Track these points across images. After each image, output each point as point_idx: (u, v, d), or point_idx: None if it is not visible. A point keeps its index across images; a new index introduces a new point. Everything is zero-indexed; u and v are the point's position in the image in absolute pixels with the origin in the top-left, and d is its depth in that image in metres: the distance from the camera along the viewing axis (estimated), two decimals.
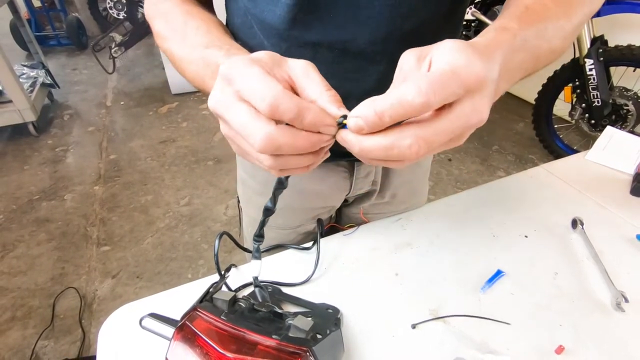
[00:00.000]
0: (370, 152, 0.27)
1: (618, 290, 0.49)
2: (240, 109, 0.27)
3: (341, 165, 0.63)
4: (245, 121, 0.27)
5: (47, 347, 1.32)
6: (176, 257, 1.67)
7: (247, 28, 0.49)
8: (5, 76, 2.18)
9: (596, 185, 0.70)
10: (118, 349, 0.45)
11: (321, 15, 0.43)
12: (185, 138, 2.51)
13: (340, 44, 0.45)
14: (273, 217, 0.69)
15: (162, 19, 0.45)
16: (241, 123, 0.27)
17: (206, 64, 0.38)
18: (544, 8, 0.37)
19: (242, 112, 0.27)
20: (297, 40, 0.45)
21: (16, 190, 2.05)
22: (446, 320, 0.48)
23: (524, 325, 0.47)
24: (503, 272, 0.53)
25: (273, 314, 0.38)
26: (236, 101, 0.27)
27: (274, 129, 0.26)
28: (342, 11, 0.42)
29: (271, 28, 0.45)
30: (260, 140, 0.26)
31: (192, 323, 0.34)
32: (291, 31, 0.44)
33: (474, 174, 2.17)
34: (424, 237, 0.60)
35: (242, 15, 0.49)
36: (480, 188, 0.70)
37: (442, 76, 0.26)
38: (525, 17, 0.36)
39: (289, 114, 0.26)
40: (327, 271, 0.55)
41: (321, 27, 0.44)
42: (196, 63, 0.39)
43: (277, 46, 0.46)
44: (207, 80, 0.38)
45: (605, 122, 1.85)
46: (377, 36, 0.44)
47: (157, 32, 0.45)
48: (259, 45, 0.49)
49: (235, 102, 0.27)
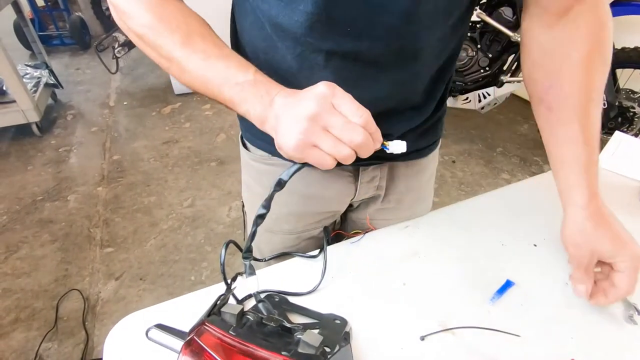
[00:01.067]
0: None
1: (630, 302, 0.48)
2: (339, 114, 0.38)
3: (346, 170, 0.62)
4: (347, 121, 0.37)
5: (50, 350, 1.32)
6: (179, 259, 1.67)
7: (258, 29, 0.49)
8: (9, 76, 2.18)
9: (605, 192, 0.68)
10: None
11: (338, 27, 0.43)
12: (188, 139, 2.51)
13: (353, 54, 0.46)
14: (278, 223, 0.69)
15: (151, 13, 0.43)
16: (343, 122, 0.37)
17: (227, 75, 0.42)
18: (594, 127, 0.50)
19: (341, 117, 0.37)
20: (312, 46, 0.45)
21: (20, 190, 2.05)
22: (455, 332, 0.47)
23: (534, 338, 0.47)
24: (513, 283, 0.53)
25: (282, 327, 0.38)
26: (335, 110, 0.38)
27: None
28: (359, 25, 0.43)
29: (286, 32, 0.45)
30: (361, 133, 0.37)
31: (200, 338, 0.34)
32: (307, 38, 0.45)
33: (478, 176, 2.16)
34: (431, 245, 0.59)
35: (252, 17, 0.49)
36: (487, 195, 0.69)
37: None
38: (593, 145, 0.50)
39: (372, 129, 0.38)
40: (334, 280, 0.54)
41: (337, 38, 0.44)
42: (213, 68, 0.42)
43: (292, 49, 0.47)
44: (223, 88, 0.42)
45: (611, 124, 1.84)
46: (391, 48, 0.45)
47: (143, 23, 0.44)
48: (271, 47, 0.49)
49: (335, 110, 0.38)
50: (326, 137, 0.37)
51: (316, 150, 0.38)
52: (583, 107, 0.49)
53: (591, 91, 0.49)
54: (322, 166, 0.39)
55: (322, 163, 0.38)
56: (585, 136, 0.49)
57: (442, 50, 0.51)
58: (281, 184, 0.42)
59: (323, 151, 0.38)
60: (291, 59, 0.48)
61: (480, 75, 2.02)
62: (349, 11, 0.42)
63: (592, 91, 0.49)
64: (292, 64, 0.48)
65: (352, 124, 0.37)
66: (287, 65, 0.49)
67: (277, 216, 0.67)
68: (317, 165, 0.39)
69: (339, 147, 0.38)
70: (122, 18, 0.45)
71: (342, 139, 0.37)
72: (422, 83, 0.53)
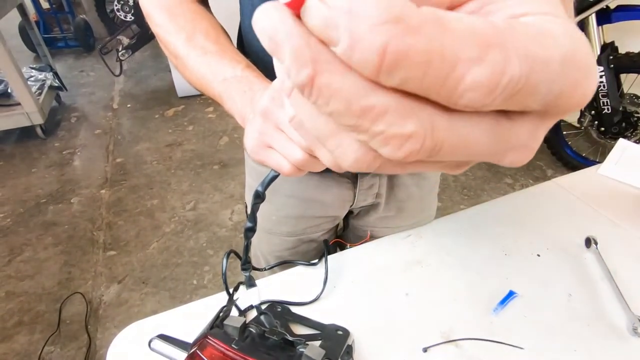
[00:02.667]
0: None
1: (635, 314, 0.48)
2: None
3: (344, 176, 0.63)
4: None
5: (53, 353, 1.33)
6: (182, 263, 1.67)
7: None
8: (14, 79, 2.19)
9: (609, 201, 0.69)
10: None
11: None
12: (191, 142, 2.51)
13: None
14: (277, 225, 0.69)
15: (166, 12, 0.46)
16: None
17: (216, 71, 0.41)
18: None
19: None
20: None
21: (24, 193, 2.06)
22: (458, 343, 0.47)
23: (537, 350, 0.47)
24: (516, 293, 0.53)
25: (284, 340, 0.38)
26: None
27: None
28: None
29: None
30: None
31: (202, 352, 0.34)
32: None
33: (481, 181, 2.15)
34: (434, 255, 0.59)
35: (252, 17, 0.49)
36: (490, 203, 0.69)
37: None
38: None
39: None
40: (336, 290, 0.54)
41: None
42: (207, 65, 0.42)
43: None
44: (214, 84, 0.41)
45: (615, 129, 1.83)
46: None
47: (159, 23, 0.46)
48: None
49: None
50: (278, 137, 0.32)
51: (272, 153, 0.33)
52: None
53: None
54: (281, 172, 0.33)
55: (278, 168, 0.33)
56: None
57: None
58: (260, 195, 0.38)
59: (279, 153, 0.32)
60: None
61: None
62: None
63: None
64: None
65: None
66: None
67: (276, 218, 0.67)
68: (277, 170, 0.33)
69: (288, 149, 0.31)
70: (147, 19, 0.47)
71: (293, 138, 0.31)
72: None
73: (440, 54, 0.11)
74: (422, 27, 0.10)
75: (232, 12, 0.51)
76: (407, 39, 0.10)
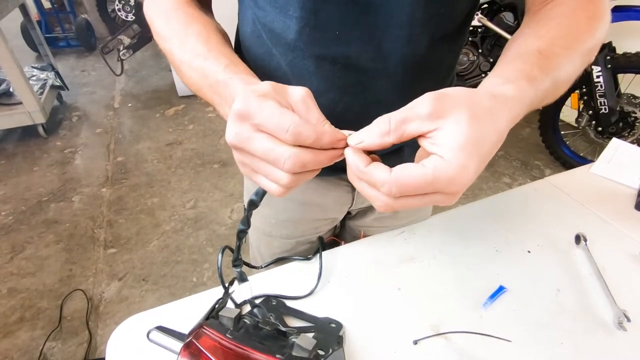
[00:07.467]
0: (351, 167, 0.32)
1: (620, 309, 0.49)
2: (262, 139, 0.30)
3: (344, 180, 0.64)
4: (270, 147, 0.30)
5: (54, 349, 1.34)
6: (181, 260, 1.69)
7: (256, 37, 0.50)
8: (16, 78, 2.21)
9: (601, 199, 0.70)
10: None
11: (327, 32, 0.44)
12: (191, 141, 2.53)
13: (343, 59, 0.46)
14: (277, 228, 0.71)
15: (163, 19, 0.46)
16: (266, 149, 0.30)
17: (204, 75, 0.40)
18: (554, 54, 0.37)
19: (265, 140, 0.30)
20: (302, 52, 0.46)
21: (25, 191, 2.08)
22: (447, 336, 0.48)
23: (525, 343, 0.48)
24: (505, 289, 0.54)
25: (277, 331, 0.39)
26: (256, 132, 0.30)
27: (299, 150, 0.29)
28: (347, 30, 0.43)
29: (280, 38, 0.46)
30: (289, 160, 0.29)
31: (198, 341, 0.35)
32: (297, 43, 0.45)
33: (479, 180, 2.17)
34: (427, 251, 0.60)
35: (252, 25, 0.50)
36: (482, 201, 0.70)
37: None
38: (543, 63, 0.36)
39: (309, 140, 0.30)
40: (330, 284, 0.55)
41: (326, 42, 0.45)
42: (195, 70, 0.41)
43: (284, 55, 0.48)
44: (205, 90, 0.41)
45: (613, 129, 1.84)
46: (379, 55, 0.45)
47: (157, 31, 0.46)
48: (266, 53, 0.50)
49: (255, 133, 0.30)
50: (258, 165, 0.32)
51: (260, 177, 0.34)
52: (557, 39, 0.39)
53: (572, 37, 0.39)
54: (271, 194, 0.34)
55: (269, 190, 0.34)
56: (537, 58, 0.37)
57: (433, 61, 0.50)
58: (254, 203, 0.39)
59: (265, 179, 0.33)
60: (284, 65, 0.49)
61: (481, 80, 2.02)
62: (337, 15, 0.42)
63: (573, 38, 0.39)
64: (286, 71, 0.49)
65: (278, 146, 0.30)
66: (282, 73, 0.50)
67: (276, 221, 0.68)
68: (268, 191, 0.34)
69: (273, 175, 0.32)
70: (150, 27, 0.48)
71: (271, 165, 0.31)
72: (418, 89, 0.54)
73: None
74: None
75: (231, 18, 0.52)
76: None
